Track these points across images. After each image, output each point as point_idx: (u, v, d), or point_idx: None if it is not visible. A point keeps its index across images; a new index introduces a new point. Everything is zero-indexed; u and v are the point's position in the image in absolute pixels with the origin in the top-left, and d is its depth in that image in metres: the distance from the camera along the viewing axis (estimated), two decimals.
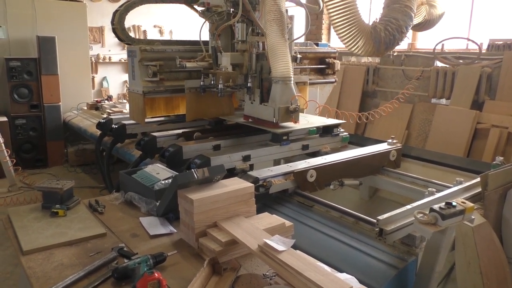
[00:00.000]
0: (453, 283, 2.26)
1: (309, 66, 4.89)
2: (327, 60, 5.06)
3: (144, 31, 8.93)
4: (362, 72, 7.44)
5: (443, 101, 6.40)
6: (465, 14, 6.26)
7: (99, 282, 1.65)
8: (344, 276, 1.57)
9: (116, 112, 5.76)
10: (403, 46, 7.04)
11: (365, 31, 3.36)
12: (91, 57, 7.83)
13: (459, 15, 6.28)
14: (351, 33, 3.33)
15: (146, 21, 8.90)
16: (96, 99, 7.17)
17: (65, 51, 6.75)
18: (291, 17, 3.81)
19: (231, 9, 3.53)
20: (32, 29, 6.68)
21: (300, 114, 4.01)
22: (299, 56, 3.89)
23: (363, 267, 1.93)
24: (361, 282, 1.59)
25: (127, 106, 5.71)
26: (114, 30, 4.28)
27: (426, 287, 1.94)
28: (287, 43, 3.18)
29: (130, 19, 8.64)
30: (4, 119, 6.09)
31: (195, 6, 4.21)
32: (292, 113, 3.21)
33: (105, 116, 5.19)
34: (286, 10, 3.43)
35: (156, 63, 3.74)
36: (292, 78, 3.20)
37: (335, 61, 5.11)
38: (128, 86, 4.03)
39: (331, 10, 3.30)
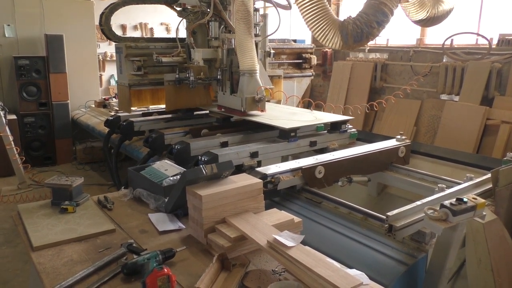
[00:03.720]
0: (463, 280, 2.24)
1: (286, 61, 5.23)
2: (304, 55, 5.39)
3: (151, 29, 8.94)
4: (370, 68, 7.38)
5: (445, 96, 6.34)
6: (474, 8, 6.19)
7: (108, 277, 1.66)
8: (353, 272, 1.56)
9: None
10: (411, 41, 7.01)
11: (334, 25, 3.53)
12: (98, 55, 7.87)
13: (469, 9, 6.21)
14: (320, 27, 3.50)
15: (153, 19, 8.91)
16: (103, 97, 7.20)
17: (73, 49, 6.79)
18: (265, 16, 4.14)
19: (208, 9, 3.81)
20: (40, 28, 6.73)
21: (308, 110, 4.04)
22: (272, 51, 4.25)
23: (372, 264, 1.92)
24: (370, 278, 1.57)
25: None
26: (102, 31, 4.61)
27: (436, 284, 1.93)
28: (253, 39, 3.42)
29: (138, 17, 8.69)
30: (13, 117, 6.14)
31: (174, 6, 4.58)
32: (258, 102, 3.47)
33: (112, 113, 5.22)
34: (258, 10, 3.76)
35: (140, 58, 4.13)
36: (258, 71, 3.43)
37: (311, 56, 5.46)
38: (116, 79, 4.42)
39: (301, 7, 3.49)
